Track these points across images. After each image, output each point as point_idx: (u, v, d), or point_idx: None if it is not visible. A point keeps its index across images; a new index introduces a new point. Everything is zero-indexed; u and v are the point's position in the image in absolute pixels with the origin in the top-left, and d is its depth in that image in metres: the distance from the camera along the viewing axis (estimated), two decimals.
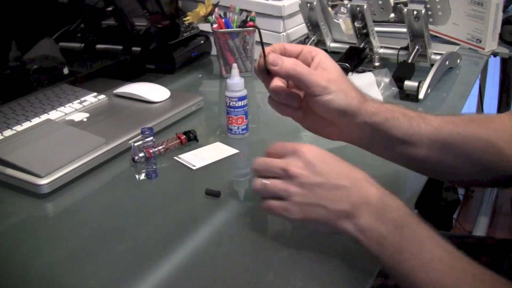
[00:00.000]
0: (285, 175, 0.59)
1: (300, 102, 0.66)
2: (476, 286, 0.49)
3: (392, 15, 1.20)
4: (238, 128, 0.92)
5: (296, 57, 0.65)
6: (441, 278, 0.50)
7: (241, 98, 0.90)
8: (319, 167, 0.58)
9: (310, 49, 0.65)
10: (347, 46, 1.22)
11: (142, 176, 0.82)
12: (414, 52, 1.14)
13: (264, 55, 0.64)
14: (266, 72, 0.64)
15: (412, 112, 0.67)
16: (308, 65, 0.64)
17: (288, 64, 0.62)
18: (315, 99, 0.62)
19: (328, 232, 0.60)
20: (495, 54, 1.39)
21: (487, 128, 0.68)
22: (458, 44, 1.33)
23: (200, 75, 1.27)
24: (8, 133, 0.87)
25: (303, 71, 0.61)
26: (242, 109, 0.91)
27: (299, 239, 0.67)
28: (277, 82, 0.65)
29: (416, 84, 1.06)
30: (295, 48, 0.66)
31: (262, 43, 0.65)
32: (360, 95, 0.64)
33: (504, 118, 0.70)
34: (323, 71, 0.63)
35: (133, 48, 1.14)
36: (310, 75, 0.61)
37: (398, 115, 0.65)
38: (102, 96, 1.03)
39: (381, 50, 1.20)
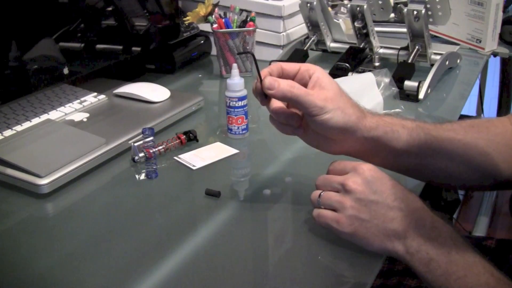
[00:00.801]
0: (343, 189, 0.61)
1: (300, 121, 0.67)
2: None
3: (392, 15, 1.20)
4: (238, 128, 0.92)
5: (294, 76, 0.66)
6: None
7: (241, 98, 0.90)
8: (377, 186, 0.60)
9: (307, 68, 0.65)
10: (347, 46, 1.22)
11: (142, 176, 0.82)
12: (414, 52, 1.14)
13: (260, 78, 0.64)
14: (263, 95, 0.65)
15: (412, 123, 0.67)
16: (306, 83, 0.64)
17: (284, 86, 0.62)
18: (313, 119, 0.63)
19: (373, 249, 0.60)
20: (495, 54, 1.39)
21: (486, 133, 0.68)
22: (458, 44, 1.33)
23: (200, 75, 1.27)
24: (8, 133, 0.87)
25: (299, 93, 0.62)
26: (242, 109, 0.91)
27: (298, 240, 0.67)
28: (276, 103, 0.66)
29: (416, 84, 1.06)
30: (293, 67, 0.66)
31: (257, 67, 0.65)
32: (359, 111, 0.65)
33: (505, 121, 0.70)
34: (320, 90, 0.63)
35: (133, 48, 1.14)
36: (307, 95, 0.62)
37: (397, 128, 0.66)
38: (102, 96, 1.03)
39: (381, 50, 1.20)
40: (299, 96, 0.62)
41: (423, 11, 1.08)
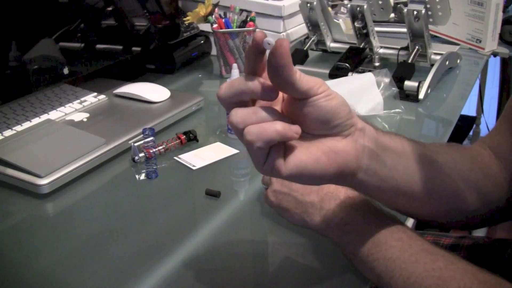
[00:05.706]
0: None
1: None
2: (432, 259, 0.51)
3: (392, 15, 1.20)
4: None
5: None
6: (399, 254, 0.52)
7: None
8: None
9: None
10: (347, 46, 1.22)
11: (142, 176, 0.82)
12: (414, 52, 1.14)
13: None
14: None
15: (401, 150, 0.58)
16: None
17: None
18: (311, 100, 0.46)
19: (297, 223, 0.63)
20: (495, 54, 1.39)
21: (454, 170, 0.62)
22: (458, 44, 1.33)
23: (200, 75, 1.27)
24: (8, 133, 0.87)
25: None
26: None
27: (298, 240, 0.67)
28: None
29: (416, 84, 1.06)
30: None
31: None
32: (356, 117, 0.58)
33: (477, 149, 0.67)
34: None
35: (133, 48, 1.14)
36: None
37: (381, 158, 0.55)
38: (102, 96, 1.03)
39: (381, 50, 1.20)
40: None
41: (423, 11, 1.08)
